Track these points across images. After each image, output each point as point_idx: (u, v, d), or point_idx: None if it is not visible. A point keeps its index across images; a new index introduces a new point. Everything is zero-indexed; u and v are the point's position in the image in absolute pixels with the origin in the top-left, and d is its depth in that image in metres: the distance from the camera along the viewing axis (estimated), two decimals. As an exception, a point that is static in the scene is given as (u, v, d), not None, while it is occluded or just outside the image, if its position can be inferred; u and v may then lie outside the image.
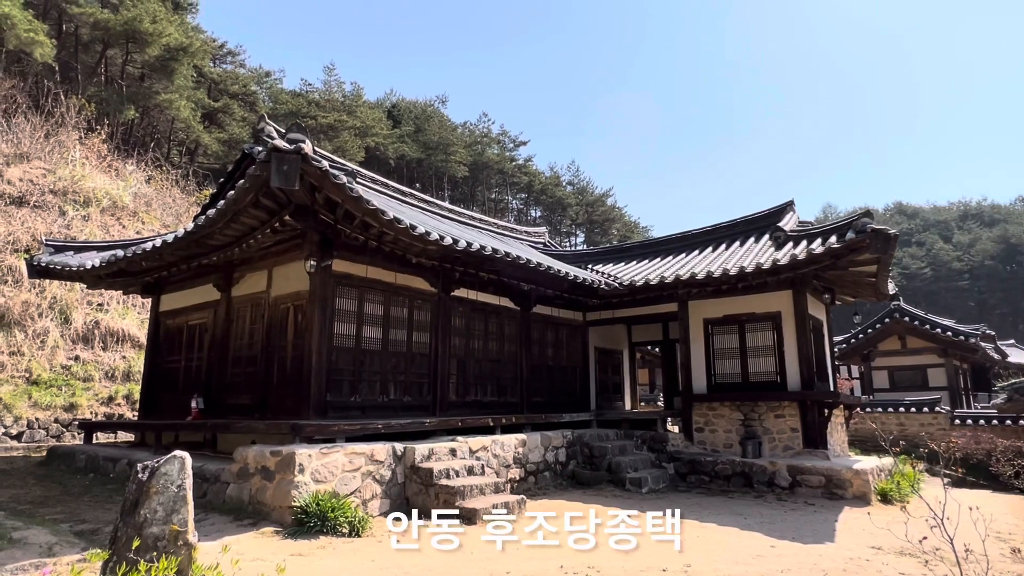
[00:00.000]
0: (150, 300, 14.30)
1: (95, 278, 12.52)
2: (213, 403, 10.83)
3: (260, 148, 11.02)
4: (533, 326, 13.74)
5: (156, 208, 26.84)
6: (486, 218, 19.27)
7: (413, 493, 8.76)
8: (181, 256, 10.58)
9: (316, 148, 8.06)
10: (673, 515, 8.94)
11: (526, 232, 20.06)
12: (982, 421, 19.29)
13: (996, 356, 27.51)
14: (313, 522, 7.14)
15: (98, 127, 27.88)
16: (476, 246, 10.37)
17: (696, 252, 15.31)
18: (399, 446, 8.97)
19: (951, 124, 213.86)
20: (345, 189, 8.04)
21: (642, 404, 21.37)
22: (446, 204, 17.93)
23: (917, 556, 6.77)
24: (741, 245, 14.43)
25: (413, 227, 9.11)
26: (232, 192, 8.33)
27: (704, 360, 13.41)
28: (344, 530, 7.16)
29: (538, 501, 9.83)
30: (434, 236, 9.47)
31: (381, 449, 8.68)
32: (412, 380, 10.73)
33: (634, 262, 16.44)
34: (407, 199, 15.19)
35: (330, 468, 7.95)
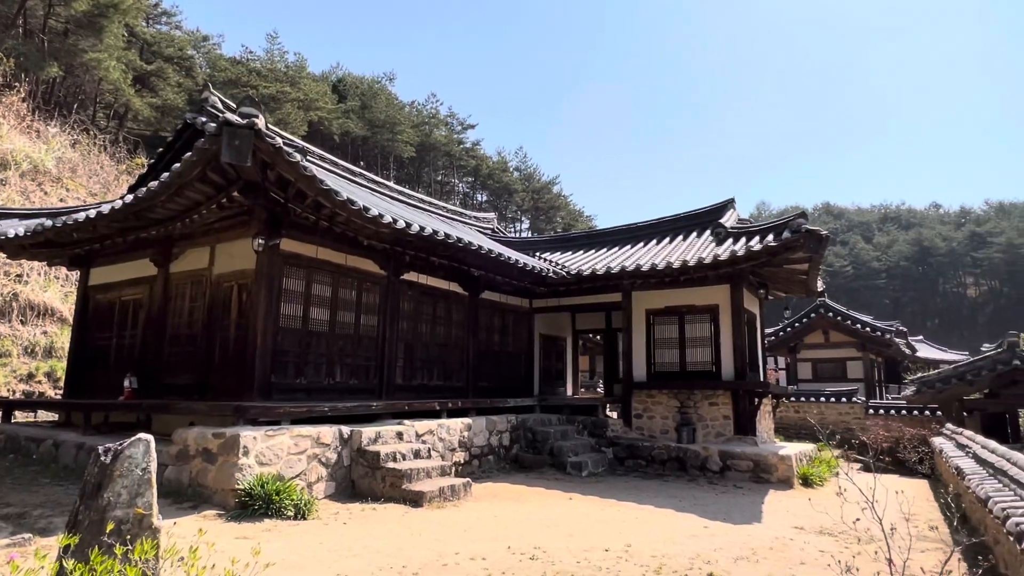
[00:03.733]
0: (78, 273, 13.54)
1: (17, 248, 11.75)
2: (148, 383, 10.42)
3: (204, 119, 10.61)
4: (481, 312, 13.84)
5: (82, 174, 25.26)
6: (436, 201, 19.15)
7: (359, 476, 8.76)
8: (117, 228, 10.08)
9: (269, 124, 7.83)
10: (612, 498, 9.34)
11: (475, 217, 20.07)
12: (892, 411, 20.76)
13: (907, 351, 29.56)
14: (258, 505, 7.05)
15: (16, 84, 25.89)
16: (429, 230, 10.35)
17: (641, 244, 15.75)
18: (346, 429, 8.93)
19: (878, 131, 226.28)
20: (299, 168, 7.86)
21: (583, 390, 21.89)
22: (395, 186, 17.69)
23: (834, 535, 7.34)
24: (684, 239, 14.95)
25: (366, 209, 9.01)
26: (177, 165, 8.00)
27: (645, 349, 13.88)
28: (290, 513, 7.11)
29: (483, 484, 10.01)
30: (387, 219, 9.40)
31: (328, 432, 8.62)
32: (359, 363, 10.65)
33: (580, 251, 16.76)
34: (356, 179, 14.92)
35: (275, 451, 7.85)
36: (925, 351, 37.63)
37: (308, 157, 10.92)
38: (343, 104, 53.53)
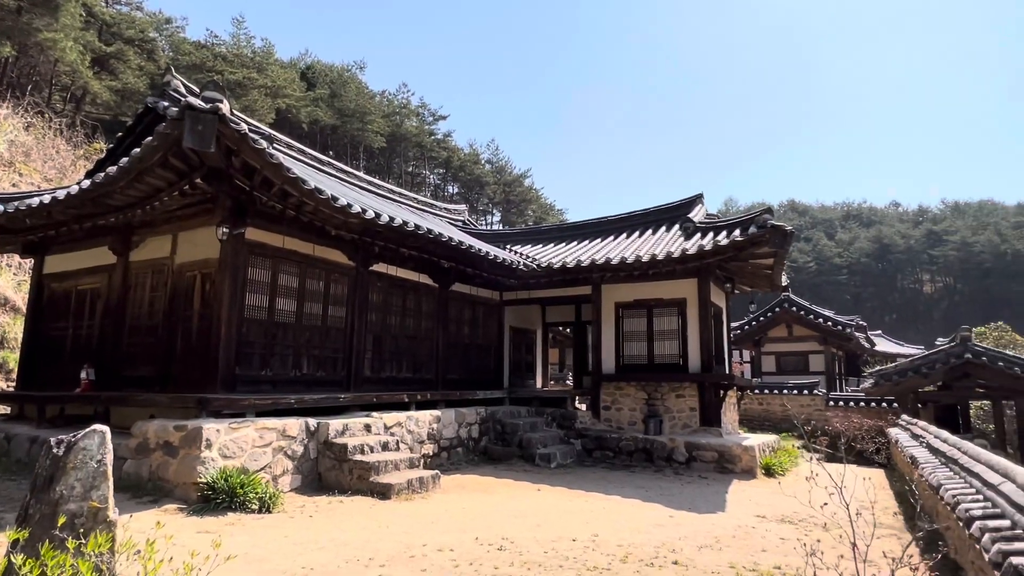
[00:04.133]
0: (32, 261, 13.04)
1: (-34, 234, 11.26)
2: (106, 375, 10.10)
3: (167, 103, 10.30)
4: (451, 304, 13.78)
5: (36, 159, 24.29)
6: (406, 192, 18.96)
7: (326, 469, 8.66)
8: (73, 215, 9.73)
9: (234, 110, 7.63)
10: (580, 488, 9.42)
11: (446, 209, 19.93)
12: (852, 403, 21.40)
13: (866, 345, 30.43)
14: (221, 498, 6.92)
15: (-35, 63, 24.74)
16: (399, 221, 10.24)
17: (611, 238, 15.86)
18: (312, 421, 8.82)
19: (843, 131, 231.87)
20: (265, 155, 7.69)
21: (552, 383, 22.01)
22: (365, 176, 17.43)
23: (795, 523, 7.53)
24: (653, 233, 15.10)
25: (335, 199, 8.86)
26: (137, 150, 7.74)
27: (614, 342, 14.00)
28: (254, 506, 6.99)
29: (451, 476, 10.00)
30: (356, 209, 9.26)
31: (294, 424, 8.50)
32: (327, 355, 10.51)
33: (551, 244, 16.80)
34: (325, 168, 14.67)
35: (239, 443, 7.71)
36: (883, 345, 38.80)
37: (275, 145, 10.69)
38: (312, 92, 52.59)
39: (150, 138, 7.53)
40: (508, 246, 16.80)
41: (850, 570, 2.71)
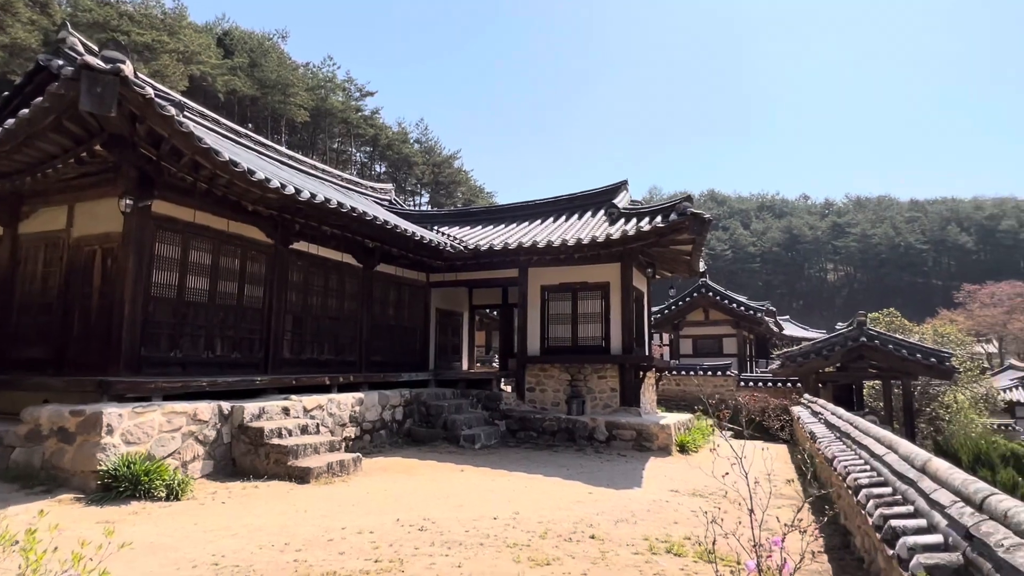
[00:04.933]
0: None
1: None
2: (-9, 356, 9.28)
3: (61, 62, 9.43)
4: (375, 285, 13.50)
5: (-94, 118, 21.74)
6: (330, 169, 18.34)
7: (241, 453, 8.34)
8: (-50, 181, 8.79)
9: (139, 73, 7.09)
10: (504, 468, 9.53)
11: (372, 188, 19.45)
12: (760, 383, 22.69)
13: (775, 329, 32.31)
14: (123, 487, 6.53)
15: None
16: (320, 198, 9.89)
17: (538, 221, 15.98)
18: (226, 405, 8.45)
19: (761, 125, 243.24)
20: (173, 122, 7.20)
21: (478, 365, 22.08)
22: (286, 151, 16.72)
23: (705, 496, 7.93)
24: (579, 218, 15.33)
25: (251, 172, 8.45)
26: (26, 111, 7.07)
27: (539, 324, 14.18)
28: (161, 494, 6.65)
29: (374, 459, 9.87)
30: (275, 184, 8.87)
31: (205, 408, 8.12)
32: (243, 336, 10.07)
33: (479, 227, 16.75)
34: (242, 140, 13.95)
35: (145, 429, 7.28)
36: (790, 329, 41.29)
37: (186, 113, 10.03)
38: (229, 60, 49.81)
39: (41, 99, 6.89)
40: (436, 227, 16.62)
41: (747, 535, 2.85)
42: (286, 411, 9.23)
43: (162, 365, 8.65)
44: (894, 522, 3.41)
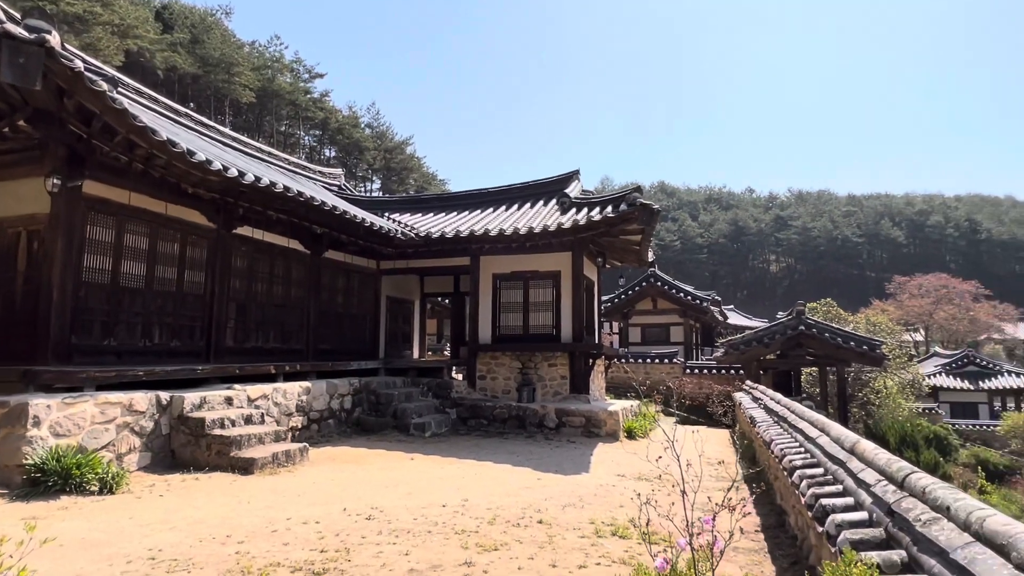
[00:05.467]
0: None
1: None
2: (-97, 345, 8.65)
3: (-20, 30, 8.80)
4: (324, 271, 13.21)
5: None
6: (276, 152, 17.79)
7: (181, 445, 8.06)
8: None
9: (67, 45, 6.68)
10: (454, 456, 9.54)
11: (320, 172, 18.98)
12: (706, 371, 23.38)
13: (720, 318, 33.33)
14: (52, 481, 6.23)
15: None
16: (265, 181, 9.59)
17: (491, 209, 15.95)
18: (165, 395, 8.15)
19: (710, 118, 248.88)
20: (105, 98, 6.83)
21: (429, 353, 21.97)
22: (231, 132, 16.12)
23: (650, 480, 8.13)
24: (531, 207, 15.37)
25: (191, 153, 8.11)
26: (-61, 81, 6.57)
27: (491, 312, 14.19)
28: (94, 488, 6.37)
29: (321, 449, 9.72)
30: (216, 166, 8.54)
31: (142, 398, 7.81)
32: (183, 323, 9.70)
33: (431, 214, 16.60)
34: (182, 120, 13.36)
35: (76, 420, 6.95)
36: (735, 318, 42.67)
37: (120, 89, 9.56)
38: (169, 35, 47.57)
39: (-44, 68, 6.41)
40: (387, 214, 16.39)
41: (680, 516, 2.95)
42: (229, 401, 8.97)
43: (95, 354, 8.25)
44: (824, 501, 3.58)
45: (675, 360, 24.48)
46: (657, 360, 24.41)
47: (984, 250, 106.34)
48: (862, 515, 3.19)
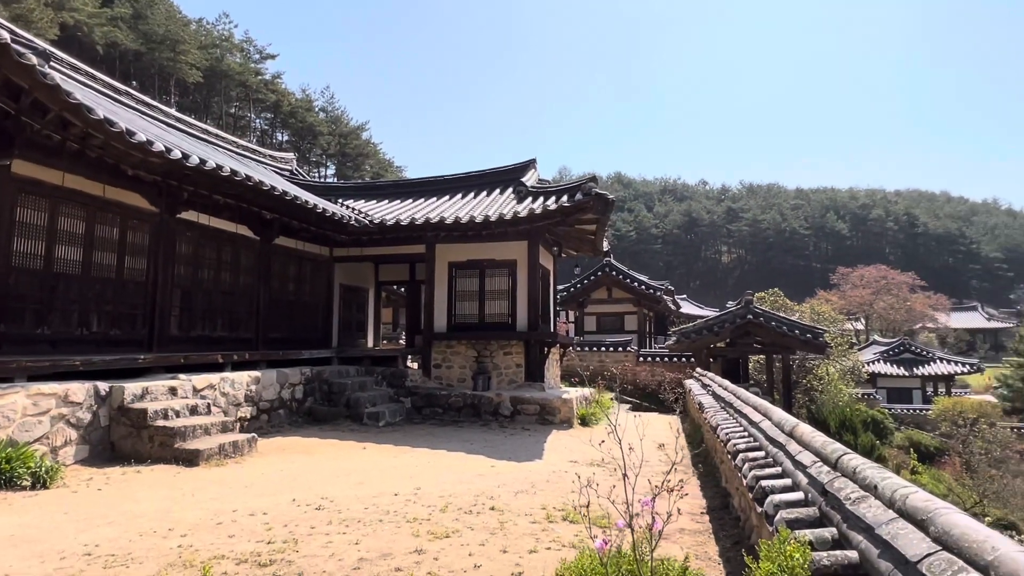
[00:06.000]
0: None
1: None
2: None
3: None
4: (274, 258, 12.88)
5: None
6: (225, 135, 17.19)
7: (121, 437, 7.77)
8: None
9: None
10: (407, 445, 9.49)
11: (271, 156, 18.45)
12: (658, 358, 23.87)
13: (673, 307, 34.06)
14: (-21, 476, 5.92)
15: None
16: (211, 164, 9.25)
17: (447, 197, 15.82)
18: (103, 385, 7.83)
19: (666, 110, 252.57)
20: (35, 72, 6.46)
21: (384, 342, 21.74)
22: (176, 113, 15.49)
23: (602, 465, 8.26)
24: (488, 195, 15.32)
25: (131, 133, 7.76)
26: None
27: (447, 301, 14.12)
28: (26, 483, 6.09)
29: (271, 439, 9.53)
30: (158, 147, 8.20)
31: (79, 389, 7.48)
32: (124, 311, 9.32)
33: (385, 201, 16.36)
34: (123, 98, 12.76)
35: (5, 412, 6.61)
36: (687, 307, 43.66)
37: (53, 63, 9.05)
38: (109, 9, 45.28)
39: None
40: (340, 200, 16.06)
41: (636, 498, 3.01)
42: (173, 391, 8.68)
43: (27, 343, 7.86)
44: (764, 482, 3.71)
45: (629, 348, 24.88)
46: (611, 348, 24.77)
47: (920, 243, 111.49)
48: (798, 495, 3.32)
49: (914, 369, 36.76)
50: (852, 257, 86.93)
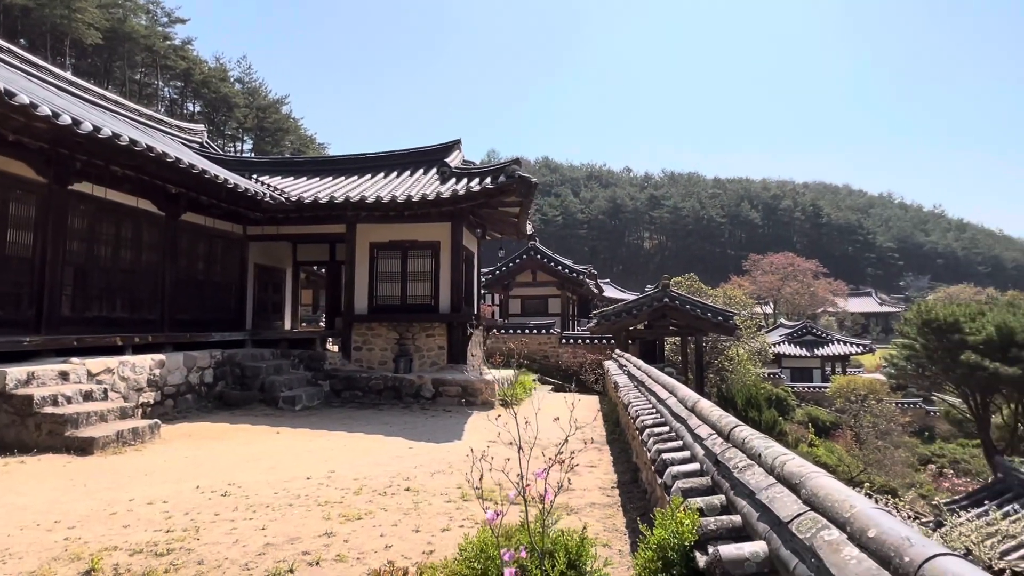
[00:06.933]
0: None
1: None
2: None
3: None
4: (182, 235, 12.16)
5: None
6: (127, 102, 15.99)
7: (3, 426, 7.18)
8: None
9: None
10: (324, 428, 9.29)
11: (180, 127, 17.35)
12: (580, 340, 24.41)
13: (596, 291, 34.86)
14: None
15: None
16: (107, 132, 8.58)
17: (368, 176, 15.44)
18: (-18, 370, 7.18)
19: (594, 97, 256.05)
20: None
21: (304, 324, 21.10)
22: (71, 76, 14.23)
23: (521, 445, 8.41)
24: (411, 175, 15.06)
25: (9, 94, 7.07)
26: None
27: (368, 282, 13.84)
28: None
29: (177, 425, 9.07)
30: (44, 111, 7.52)
31: (-48, 374, 6.83)
32: (6, 290, 8.53)
33: (304, 178, 15.77)
34: (5, 56, 11.61)
35: None
36: (610, 291, 44.80)
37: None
38: (-9, -43, 40.91)
39: None
40: (256, 176, 15.34)
41: (516, 470, 3.11)
42: (64, 376, 8.09)
43: None
44: (665, 455, 3.87)
45: (552, 331, 25.30)
46: (535, 331, 25.10)
47: (824, 232, 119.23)
48: (695, 466, 3.49)
49: (815, 350, 39.45)
50: (763, 244, 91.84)
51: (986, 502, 10.81)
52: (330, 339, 15.52)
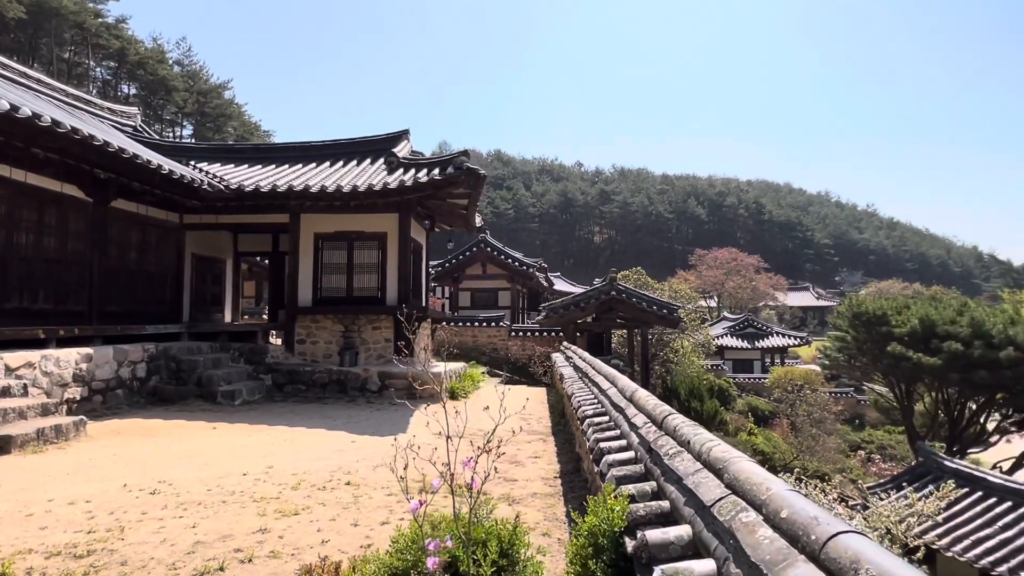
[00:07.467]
0: None
1: None
2: None
3: None
4: (112, 224, 11.57)
5: None
6: (52, 81, 15.06)
7: (-92, 424, 6.69)
8: None
9: None
10: (264, 423, 9.05)
11: (111, 110, 16.47)
12: (529, 333, 24.57)
13: (546, 284, 35.13)
14: None
15: None
16: (26, 112, 8.06)
17: (313, 165, 15.05)
18: None
19: (548, 89, 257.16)
20: None
21: (246, 317, 20.48)
22: (-16, 50, 13.32)
23: (466, 436, 8.38)
24: (358, 164, 14.77)
25: (-85, 68, 6.54)
26: None
27: (312, 274, 13.51)
28: None
29: (105, 422, 8.66)
30: (-45, 87, 7.00)
31: None
32: (-88, 279, 7.96)
33: (246, 165, 15.25)
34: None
35: None
36: (560, 284, 45.23)
37: None
38: (-101, -80, 37.84)
39: None
40: (193, 163, 14.73)
41: (482, 465, 3.10)
42: (-21, 371, 7.60)
43: None
44: (603, 443, 3.93)
45: (502, 324, 25.36)
46: (485, 324, 25.11)
47: (766, 229, 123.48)
48: (630, 454, 3.56)
49: (755, 342, 40.86)
50: (709, 240, 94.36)
51: (905, 484, 11.45)
52: (273, 332, 15.12)
